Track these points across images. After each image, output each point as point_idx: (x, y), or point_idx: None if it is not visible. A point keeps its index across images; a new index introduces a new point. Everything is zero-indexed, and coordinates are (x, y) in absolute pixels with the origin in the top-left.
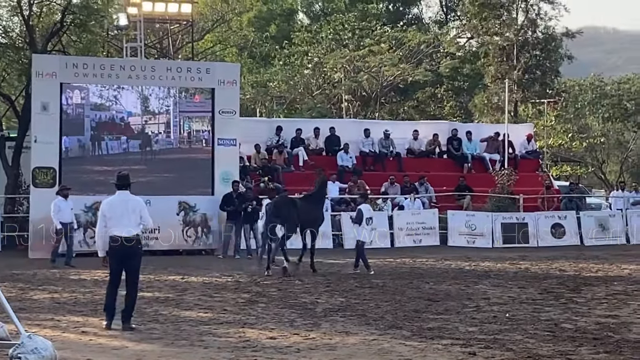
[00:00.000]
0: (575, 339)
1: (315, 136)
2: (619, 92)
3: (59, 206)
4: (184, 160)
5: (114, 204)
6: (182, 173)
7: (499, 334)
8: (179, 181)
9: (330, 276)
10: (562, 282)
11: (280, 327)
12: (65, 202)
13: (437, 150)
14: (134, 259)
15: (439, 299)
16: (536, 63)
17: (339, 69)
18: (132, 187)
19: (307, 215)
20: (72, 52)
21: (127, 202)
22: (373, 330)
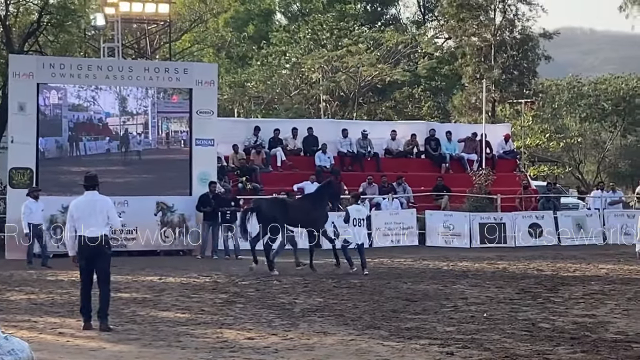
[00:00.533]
0: (552, 339)
1: (293, 136)
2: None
3: (30, 208)
4: (162, 161)
5: (81, 205)
6: (160, 174)
7: (476, 333)
8: (157, 182)
9: (308, 276)
10: (539, 281)
11: (258, 328)
12: (36, 203)
13: (415, 151)
14: (101, 259)
15: (417, 299)
16: (513, 63)
17: (317, 69)
18: (111, 187)
19: (304, 215)
20: (49, 52)
21: (95, 203)
22: (351, 330)
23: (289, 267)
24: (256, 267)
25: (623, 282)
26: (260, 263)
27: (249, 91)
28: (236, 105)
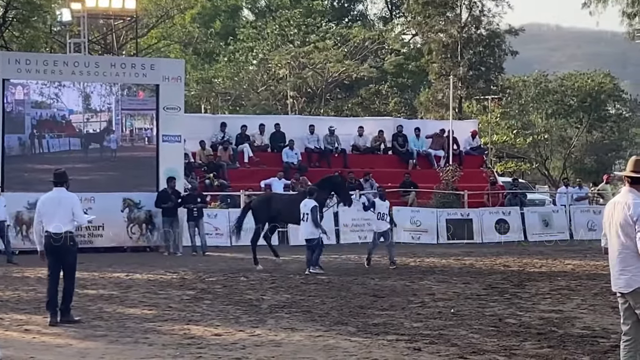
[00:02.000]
0: (519, 334)
1: (260, 132)
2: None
3: None
4: (128, 158)
5: (47, 201)
6: (127, 171)
7: (443, 329)
8: (123, 178)
9: (275, 273)
10: (506, 277)
11: (225, 324)
12: None
13: (382, 147)
14: (67, 255)
15: (384, 295)
16: (480, 60)
17: (284, 65)
18: (76, 184)
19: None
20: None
21: (60, 199)
22: (318, 326)
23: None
24: (280, 260)
25: (589, 277)
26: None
27: (216, 87)
28: (203, 102)
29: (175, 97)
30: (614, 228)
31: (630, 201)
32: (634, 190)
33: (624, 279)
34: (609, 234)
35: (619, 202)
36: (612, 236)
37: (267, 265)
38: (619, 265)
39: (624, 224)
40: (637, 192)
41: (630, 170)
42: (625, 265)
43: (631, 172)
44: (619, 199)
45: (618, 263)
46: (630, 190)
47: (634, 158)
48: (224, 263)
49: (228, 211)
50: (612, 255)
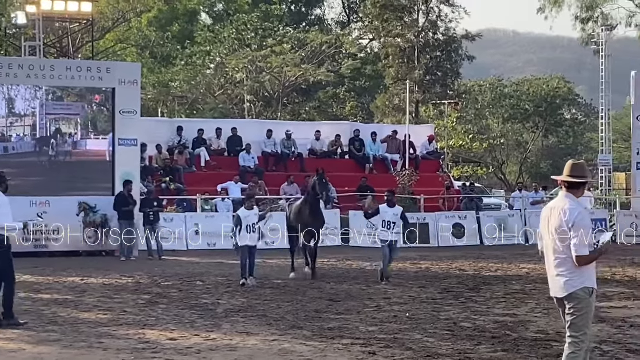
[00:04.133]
0: (474, 338)
1: (217, 136)
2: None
3: None
4: (84, 162)
5: None
6: (82, 174)
7: (399, 333)
8: (78, 182)
9: (231, 277)
10: (461, 281)
11: (180, 328)
12: None
13: (339, 151)
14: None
15: (340, 299)
16: (437, 64)
17: (242, 69)
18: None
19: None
20: None
21: None
22: (274, 330)
23: (211, 268)
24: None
25: (544, 281)
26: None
27: (173, 91)
28: (160, 105)
29: (131, 101)
30: (550, 233)
31: (567, 207)
32: (571, 196)
33: (560, 284)
34: (546, 238)
35: (556, 207)
36: (548, 241)
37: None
38: (555, 270)
39: (560, 230)
40: (573, 197)
41: (567, 175)
42: (561, 270)
43: (567, 176)
44: (555, 204)
45: (554, 268)
46: (567, 196)
47: (571, 162)
48: (180, 267)
49: (184, 215)
50: (548, 260)
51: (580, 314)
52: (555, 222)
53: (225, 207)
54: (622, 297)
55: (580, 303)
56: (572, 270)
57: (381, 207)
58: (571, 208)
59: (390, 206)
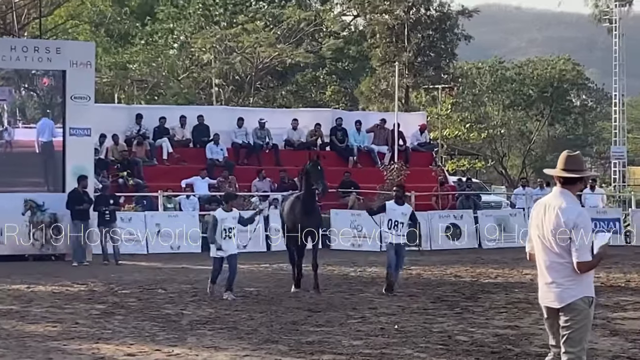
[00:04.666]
0: (471, 353)
1: (181, 125)
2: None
3: None
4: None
5: None
6: (28, 168)
7: (386, 347)
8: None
9: (197, 284)
10: (457, 289)
11: (139, 342)
12: None
13: (319, 142)
14: None
15: (320, 309)
16: (429, 44)
17: (209, 49)
18: None
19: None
20: None
21: None
22: (245, 345)
23: (175, 274)
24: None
25: None
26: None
27: (132, 74)
28: (117, 90)
29: (84, 85)
30: (544, 234)
31: (565, 205)
32: (567, 192)
33: (556, 292)
34: (538, 239)
35: (551, 205)
36: (541, 243)
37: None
38: (550, 276)
39: (559, 231)
40: (570, 194)
41: (561, 168)
42: (557, 277)
43: (562, 170)
44: (549, 201)
45: (548, 274)
46: (563, 192)
47: (565, 154)
48: (139, 273)
49: (144, 214)
50: (540, 264)
51: (579, 327)
52: (552, 222)
53: (190, 206)
54: (637, 306)
55: (579, 314)
56: (572, 277)
57: (388, 204)
58: (570, 207)
59: (398, 203)
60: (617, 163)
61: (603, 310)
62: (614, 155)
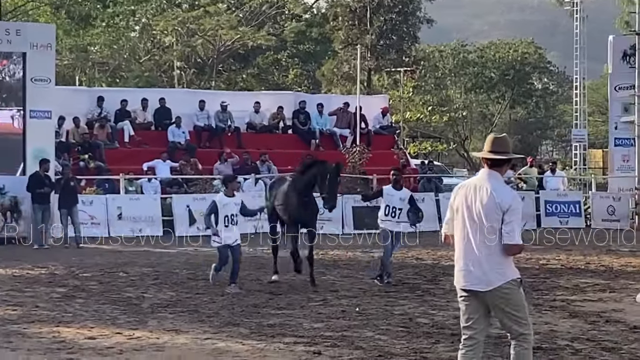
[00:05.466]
0: (431, 335)
1: (142, 108)
2: (482, 60)
3: None
4: None
5: None
6: None
7: (347, 330)
8: None
9: (159, 267)
10: (418, 272)
11: (100, 326)
12: None
13: (282, 125)
14: None
15: (282, 292)
16: (392, 27)
17: (170, 32)
18: None
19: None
20: None
21: None
22: (206, 327)
23: (136, 257)
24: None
25: None
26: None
27: (93, 56)
28: (78, 72)
29: (44, 67)
30: (472, 216)
31: (498, 187)
32: (496, 174)
33: (480, 275)
34: (462, 221)
35: (482, 187)
36: (466, 225)
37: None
38: (475, 258)
39: (490, 213)
40: (499, 175)
41: (488, 150)
42: (487, 260)
43: (489, 152)
44: (478, 182)
45: (472, 256)
46: (492, 174)
47: (492, 136)
48: (100, 256)
49: (105, 197)
50: (462, 246)
51: (519, 306)
52: (484, 204)
53: (151, 189)
54: (596, 289)
55: (511, 294)
56: (501, 259)
57: (385, 188)
58: (505, 189)
59: (396, 188)
60: (577, 146)
61: (563, 292)
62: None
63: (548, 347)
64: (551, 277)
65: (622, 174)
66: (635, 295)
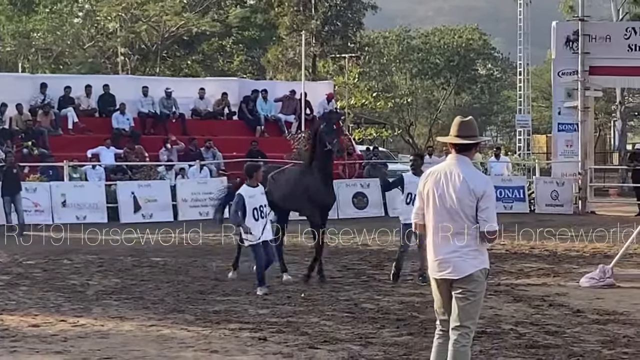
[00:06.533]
0: (376, 320)
1: (86, 95)
2: (427, 46)
3: None
4: None
5: None
6: None
7: (292, 316)
8: None
9: (103, 254)
10: (363, 257)
11: (44, 313)
12: None
13: (226, 111)
14: None
15: (227, 279)
16: (336, 13)
17: (114, 17)
18: None
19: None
20: None
21: None
22: (151, 314)
23: (81, 244)
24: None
25: None
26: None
27: (36, 42)
28: (20, 59)
29: None
30: (444, 204)
31: (469, 172)
32: (466, 159)
33: (456, 262)
34: (434, 209)
35: (453, 173)
36: (438, 213)
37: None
38: (451, 246)
39: (464, 200)
40: (469, 161)
41: (455, 135)
42: (460, 247)
43: (456, 137)
44: (448, 168)
45: (449, 244)
46: (461, 159)
47: (459, 120)
48: (45, 244)
49: (49, 184)
50: (436, 234)
51: (476, 299)
52: (457, 191)
53: (96, 175)
54: (540, 273)
55: (478, 286)
56: (474, 247)
57: (406, 176)
58: (476, 174)
59: (417, 174)
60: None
61: (507, 277)
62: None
63: (492, 332)
64: (496, 262)
65: (565, 159)
66: (578, 279)
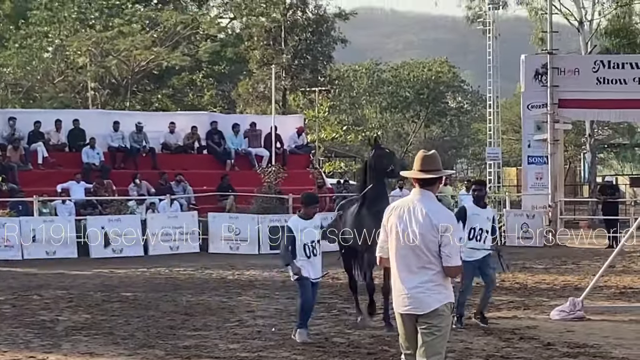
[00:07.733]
0: (347, 354)
1: (56, 129)
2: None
3: None
4: None
5: None
6: None
7: (263, 350)
8: None
9: (73, 289)
10: (334, 291)
11: (13, 349)
12: None
13: (197, 145)
14: None
15: (198, 313)
16: (306, 47)
17: (84, 52)
18: None
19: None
20: None
21: None
22: (121, 350)
23: (50, 279)
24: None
25: None
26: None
27: (6, 77)
28: None
29: None
30: (407, 238)
31: (433, 207)
32: (429, 193)
33: (420, 298)
34: (397, 244)
35: (416, 208)
36: (401, 247)
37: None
38: (416, 281)
39: (427, 235)
40: (432, 195)
41: (418, 169)
42: (424, 282)
43: (419, 172)
44: (411, 203)
45: (414, 278)
46: (425, 194)
47: (422, 154)
48: (14, 279)
49: (19, 220)
50: (400, 269)
51: (441, 334)
52: (419, 226)
53: (66, 210)
54: (511, 306)
55: (443, 321)
56: (439, 282)
57: (468, 206)
58: (439, 209)
59: (480, 205)
60: (492, 164)
61: None
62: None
63: None
64: None
65: (535, 191)
66: (549, 312)
